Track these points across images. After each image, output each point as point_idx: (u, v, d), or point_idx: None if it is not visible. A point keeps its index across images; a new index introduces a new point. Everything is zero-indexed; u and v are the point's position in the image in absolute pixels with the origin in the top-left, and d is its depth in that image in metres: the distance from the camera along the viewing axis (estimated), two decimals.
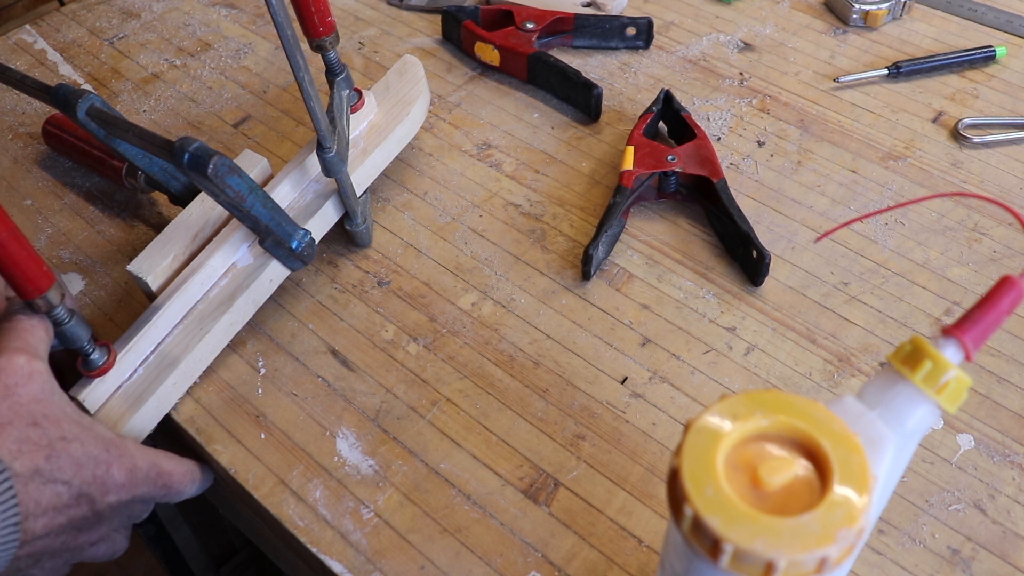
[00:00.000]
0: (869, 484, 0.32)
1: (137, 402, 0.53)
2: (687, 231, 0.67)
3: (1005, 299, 0.34)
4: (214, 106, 0.78)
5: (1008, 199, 0.69)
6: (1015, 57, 0.81)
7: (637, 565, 0.50)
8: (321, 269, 0.65)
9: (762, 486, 0.32)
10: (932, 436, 0.55)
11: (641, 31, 0.82)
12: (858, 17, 0.84)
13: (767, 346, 0.59)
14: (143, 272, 0.58)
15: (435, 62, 0.82)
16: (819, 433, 0.33)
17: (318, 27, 0.60)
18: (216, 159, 0.49)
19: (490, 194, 0.70)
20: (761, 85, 0.79)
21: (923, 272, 0.64)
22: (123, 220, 0.69)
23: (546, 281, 0.64)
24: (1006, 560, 0.49)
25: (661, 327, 0.61)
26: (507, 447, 0.55)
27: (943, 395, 0.34)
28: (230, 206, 0.54)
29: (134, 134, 0.52)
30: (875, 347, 0.59)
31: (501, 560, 0.50)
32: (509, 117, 0.76)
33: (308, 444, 0.55)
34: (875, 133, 0.74)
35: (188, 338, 0.56)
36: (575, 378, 0.58)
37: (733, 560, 0.31)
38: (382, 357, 0.59)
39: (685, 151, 0.67)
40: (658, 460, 0.54)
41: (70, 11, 0.89)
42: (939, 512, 0.51)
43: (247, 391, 0.58)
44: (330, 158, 0.58)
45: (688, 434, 0.34)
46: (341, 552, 0.50)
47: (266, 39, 0.85)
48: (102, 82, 0.81)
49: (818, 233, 0.66)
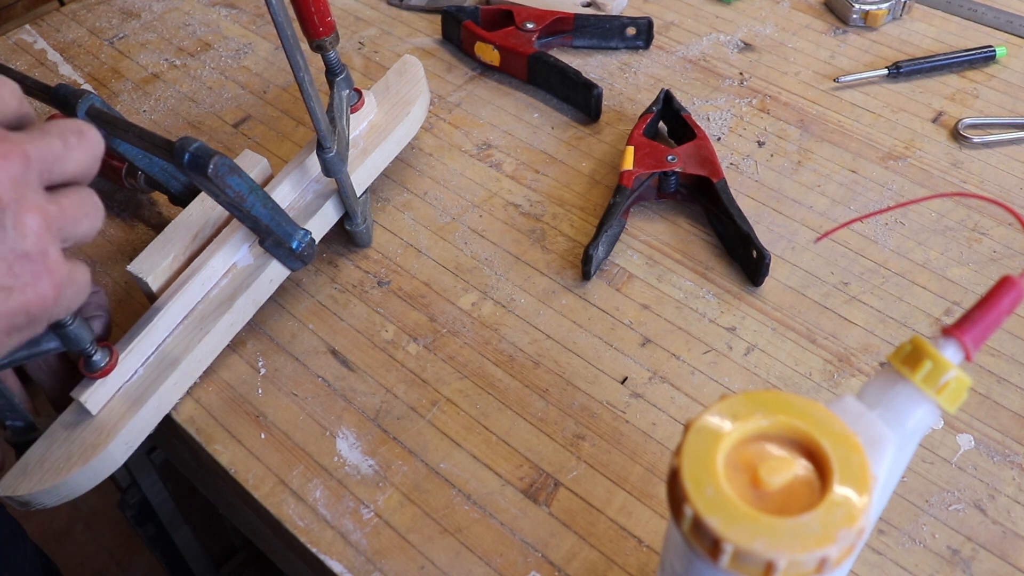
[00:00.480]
0: (869, 484, 0.32)
1: (137, 402, 0.53)
2: (687, 231, 0.67)
3: (1005, 299, 0.34)
4: (214, 106, 0.78)
5: (1008, 199, 0.69)
6: (1015, 57, 0.81)
7: (637, 565, 0.50)
8: (321, 269, 0.65)
9: (762, 486, 0.32)
10: (932, 436, 0.55)
11: (641, 31, 0.82)
12: (858, 17, 0.84)
13: (767, 346, 0.59)
14: (143, 272, 0.58)
15: (435, 62, 0.82)
16: (819, 433, 0.33)
17: (318, 27, 0.60)
18: (216, 159, 0.49)
19: (490, 194, 0.70)
20: (761, 85, 0.79)
21: (923, 272, 0.64)
22: (123, 220, 0.69)
23: (546, 281, 0.64)
24: (1006, 560, 0.49)
25: (661, 327, 0.61)
26: (507, 447, 0.55)
27: (943, 395, 0.34)
28: (230, 206, 0.54)
29: (134, 134, 0.52)
30: (875, 347, 0.59)
31: (501, 560, 0.50)
32: (509, 117, 0.76)
33: (308, 444, 0.55)
34: (875, 133, 0.74)
35: (188, 338, 0.56)
36: (575, 378, 0.58)
37: (733, 560, 0.31)
38: (382, 357, 0.59)
39: (685, 151, 0.67)
40: (658, 460, 0.54)
41: (70, 11, 0.89)
42: (939, 512, 0.51)
43: (247, 391, 0.58)
44: (330, 158, 0.58)
45: (688, 434, 0.34)
46: (341, 552, 0.50)
47: (266, 39, 0.85)
48: (102, 82, 0.81)
49: (818, 233, 0.66)
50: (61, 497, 0.51)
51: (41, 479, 0.50)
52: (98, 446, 0.51)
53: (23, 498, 0.51)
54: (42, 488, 0.50)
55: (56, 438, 0.52)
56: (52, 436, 0.53)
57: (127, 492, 0.92)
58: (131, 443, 0.53)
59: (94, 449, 0.51)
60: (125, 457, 0.53)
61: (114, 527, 1.42)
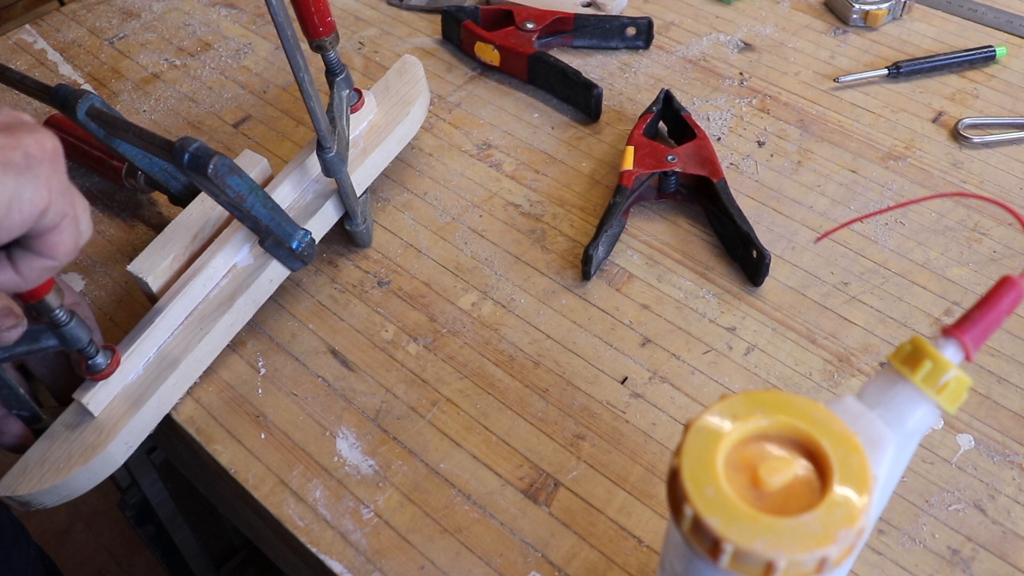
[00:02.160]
0: (869, 484, 0.32)
1: (138, 402, 0.53)
2: (687, 231, 0.67)
3: (1005, 299, 0.34)
4: (214, 106, 0.78)
5: (1008, 199, 0.69)
6: (1015, 57, 0.81)
7: (637, 565, 0.50)
8: (321, 269, 0.65)
9: (762, 486, 0.32)
10: (932, 436, 0.55)
11: (641, 31, 0.82)
12: (858, 17, 0.84)
13: (767, 346, 0.59)
14: (143, 272, 0.58)
15: (435, 62, 0.82)
16: (819, 433, 0.33)
17: (318, 27, 0.60)
18: (216, 159, 0.49)
19: (490, 194, 0.70)
20: (761, 85, 0.79)
21: (923, 272, 0.64)
22: (123, 220, 0.69)
23: (546, 281, 0.64)
24: (1006, 560, 0.49)
25: (661, 327, 0.61)
26: (507, 447, 0.55)
27: (943, 395, 0.34)
28: (230, 206, 0.54)
29: (134, 134, 0.52)
30: (875, 347, 0.59)
31: (501, 560, 0.50)
32: (509, 117, 0.76)
33: (308, 444, 0.55)
34: (875, 133, 0.74)
35: (189, 338, 0.56)
36: (575, 378, 0.58)
37: (733, 560, 0.31)
38: (382, 357, 0.59)
39: (685, 151, 0.67)
40: (658, 460, 0.54)
41: (70, 11, 0.89)
42: (939, 512, 0.51)
43: (247, 391, 0.58)
44: (330, 158, 0.58)
45: (688, 434, 0.34)
46: (341, 552, 0.50)
47: (266, 39, 0.85)
48: (102, 82, 0.81)
49: (818, 233, 0.66)
50: (61, 497, 0.51)
51: (41, 479, 0.50)
52: (98, 446, 0.51)
53: (23, 498, 0.51)
54: (42, 488, 0.50)
55: (56, 438, 0.52)
56: (52, 436, 0.53)
57: (127, 492, 0.92)
58: (131, 443, 0.53)
59: (94, 449, 0.51)
60: (125, 457, 0.53)
61: (114, 527, 1.42)
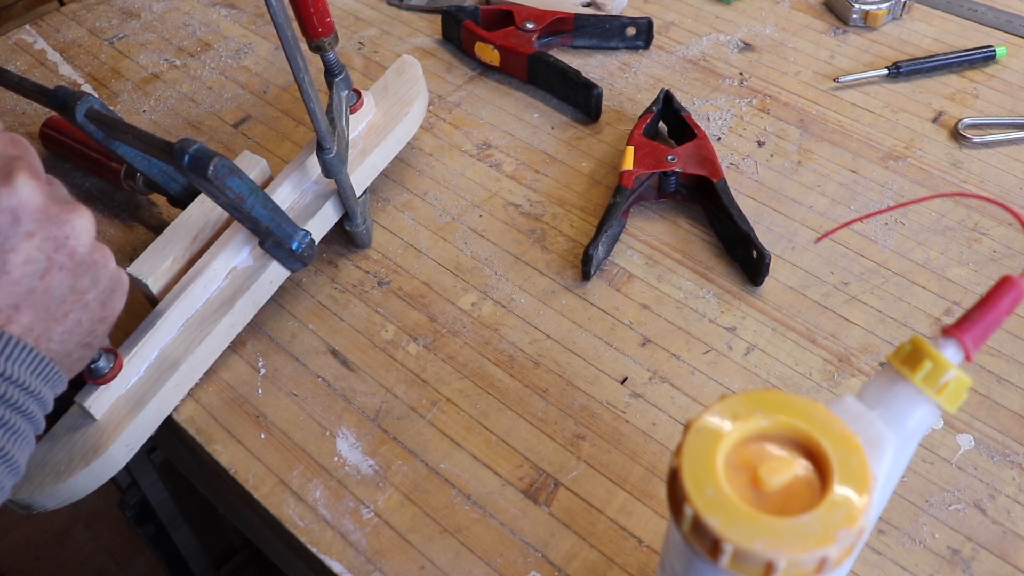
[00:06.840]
0: (869, 484, 0.32)
1: (139, 404, 0.53)
2: (687, 231, 0.67)
3: (1005, 299, 0.34)
4: (214, 106, 0.78)
5: (1008, 199, 0.69)
6: (1015, 57, 0.81)
7: (637, 565, 0.50)
8: (321, 269, 0.65)
9: (762, 486, 0.32)
10: (932, 436, 0.55)
11: (641, 31, 0.82)
12: (858, 17, 0.84)
13: (767, 346, 0.59)
14: (143, 274, 0.58)
15: (435, 62, 0.82)
16: (819, 433, 0.33)
17: (317, 28, 0.60)
18: (216, 160, 0.49)
19: (490, 194, 0.70)
20: (761, 85, 0.79)
21: (923, 272, 0.64)
22: (122, 222, 0.69)
23: (546, 281, 0.64)
24: (1006, 560, 0.49)
25: (661, 327, 0.61)
26: (507, 447, 0.55)
27: (943, 395, 0.34)
28: (230, 207, 0.54)
29: (133, 136, 0.52)
30: (875, 347, 0.59)
31: (501, 560, 0.50)
32: (509, 117, 0.76)
33: (308, 444, 0.55)
34: (875, 133, 0.74)
35: (189, 340, 0.56)
36: (575, 378, 0.58)
37: (733, 560, 0.31)
38: (382, 357, 0.59)
39: (685, 151, 0.67)
40: (658, 460, 0.54)
41: (70, 11, 0.89)
42: (939, 512, 0.51)
43: (247, 391, 0.58)
44: (330, 159, 0.58)
45: (688, 434, 0.34)
46: (341, 552, 0.50)
47: (266, 39, 0.85)
48: (102, 82, 0.81)
49: (818, 233, 0.66)
50: (62, 500, 0.51)
51: (42, 482, 0.50)
52: (99, 449, 0.51)
53: (24, 501, 0.50)
54: (43, 491, 0.50)
55: (57, 441, 0.52)
56: (53, 439, 0.52)
57: (127, 492, 0.92)
58: (132, 446, 0.53)
59: (95, 452, 0.51)
60: (126, 459, 0.53)
61: (114, 527, 1.42)
